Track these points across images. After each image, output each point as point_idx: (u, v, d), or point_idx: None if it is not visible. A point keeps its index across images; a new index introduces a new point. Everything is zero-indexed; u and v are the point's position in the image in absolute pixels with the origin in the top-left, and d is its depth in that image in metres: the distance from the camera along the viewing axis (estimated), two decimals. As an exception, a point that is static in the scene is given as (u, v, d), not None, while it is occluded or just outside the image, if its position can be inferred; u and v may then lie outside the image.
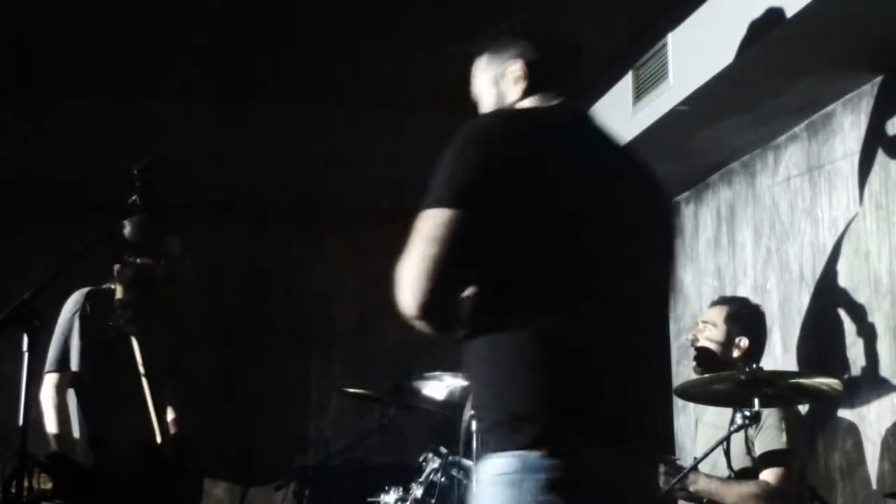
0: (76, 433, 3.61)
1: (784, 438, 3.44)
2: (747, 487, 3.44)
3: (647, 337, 1.98)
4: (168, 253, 3.74)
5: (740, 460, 3.53)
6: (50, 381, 3.62)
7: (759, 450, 3.48)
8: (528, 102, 2.07)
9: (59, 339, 3.65)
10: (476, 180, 1.82)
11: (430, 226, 1.80)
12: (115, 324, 3.56)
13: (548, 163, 1.87)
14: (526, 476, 1.76)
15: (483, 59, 2.16)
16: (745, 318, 3.77)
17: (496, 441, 1.82)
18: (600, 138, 2.09)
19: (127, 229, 3.68)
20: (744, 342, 3.70)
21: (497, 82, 2.11)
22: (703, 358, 3.72)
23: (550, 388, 1.79)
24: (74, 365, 3.63)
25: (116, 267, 3.62)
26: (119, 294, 3.59)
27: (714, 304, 3.92)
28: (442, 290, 1.79)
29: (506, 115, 2.03)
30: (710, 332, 3.73)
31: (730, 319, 3.72)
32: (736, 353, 3.69)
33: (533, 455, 1.76)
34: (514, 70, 2.08)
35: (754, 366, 3.19)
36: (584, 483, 1.77)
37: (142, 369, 3.52)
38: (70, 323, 3.66)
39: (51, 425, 3.57)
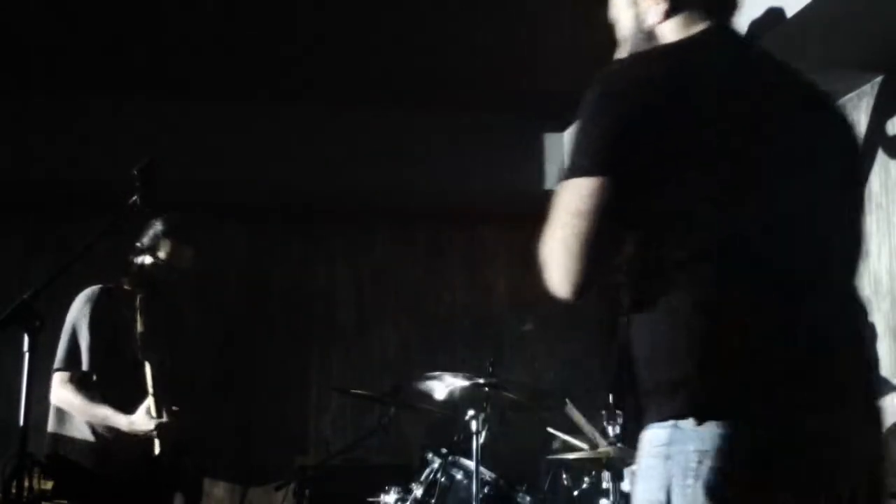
0: (77, 433, 3.61)
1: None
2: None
3: (839, 268, 1.74)
4: (181, 263, 3.72)
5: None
6: (60, 378, 3.61)
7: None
8: (669, 26, 1.84)
9: (69, 337, 3.64)
10: (615, 140, 1.63)
11: (573, 198, 1.63)
12: (133, 352, 3.55)
13: (692, 106, 1.65)
14: (678, 448, 1.58)
15: None
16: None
17: (652, 410, 1.65)
18: (755, 61, 1.86)
19: (147, 237, 3.67)
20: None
21: (635, 3, 1.88)
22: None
23: (711, 348, 1.59)
24: (84, 364, 3.62)
25: (139, 296, 3.61)
26: (140, 327, 3.57)
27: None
28: (595, 267, 1.64)
29: (639, 62, 1.79)
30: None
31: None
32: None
33: (685, 424, 1.58)
34: None
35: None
36: (750, 453, 1.55)
37: (150, 389, 3.50)
38: (79, 321, 3.64)
39: (86, 414, 3.57)
